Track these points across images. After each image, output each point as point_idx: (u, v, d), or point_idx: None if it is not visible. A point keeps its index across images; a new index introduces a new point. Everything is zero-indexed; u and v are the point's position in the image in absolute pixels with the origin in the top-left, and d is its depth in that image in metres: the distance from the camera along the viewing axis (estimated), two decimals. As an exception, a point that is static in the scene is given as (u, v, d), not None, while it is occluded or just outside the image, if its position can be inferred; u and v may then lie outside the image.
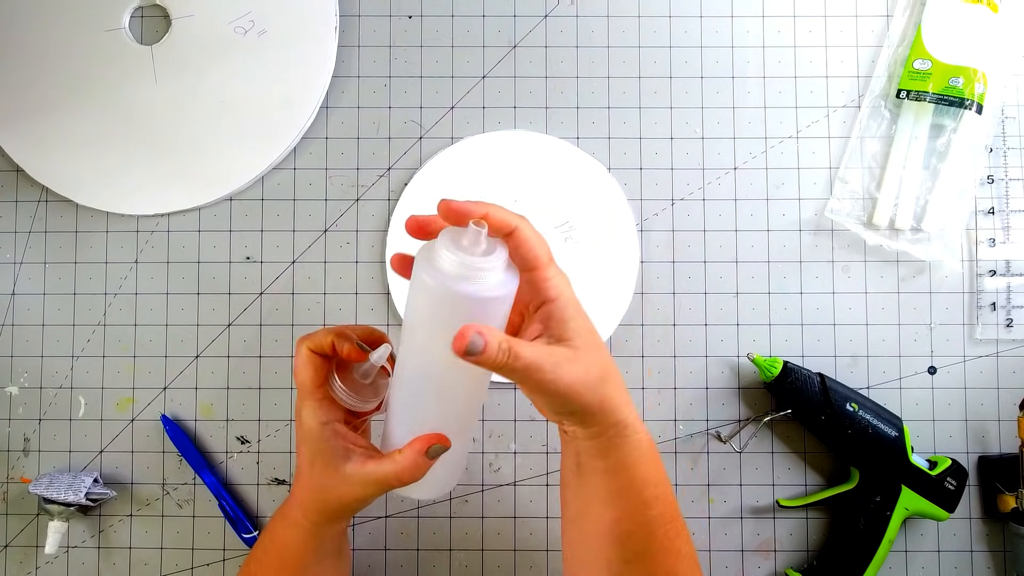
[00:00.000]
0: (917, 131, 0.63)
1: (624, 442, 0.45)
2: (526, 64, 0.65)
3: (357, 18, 0.65)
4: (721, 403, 0.63)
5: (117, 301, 0.64)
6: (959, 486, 0.59)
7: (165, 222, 0.64)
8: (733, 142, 0.64)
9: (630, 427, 0.45)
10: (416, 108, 0.65)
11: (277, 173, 0.64)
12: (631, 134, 0.64)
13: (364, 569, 0.62)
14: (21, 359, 0.64)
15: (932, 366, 0.63)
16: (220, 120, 0.63)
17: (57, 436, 0.63)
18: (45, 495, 0.59)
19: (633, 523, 0.46)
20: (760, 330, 0.63)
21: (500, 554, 0.62)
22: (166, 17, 0.65)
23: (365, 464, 0.47)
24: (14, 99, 0.64)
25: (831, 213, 0.63)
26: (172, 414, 0.63)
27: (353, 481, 0.47)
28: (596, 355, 0.44)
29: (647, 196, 0.64)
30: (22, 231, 0.64)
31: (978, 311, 0.63)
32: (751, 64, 0.65)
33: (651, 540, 0.46)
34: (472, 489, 0.63)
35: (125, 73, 0.64)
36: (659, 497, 0.46)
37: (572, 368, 0.42)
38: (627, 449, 0.45)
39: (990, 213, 0.64)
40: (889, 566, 0.61)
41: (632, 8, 0.65)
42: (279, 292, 0.64)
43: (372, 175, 0.64)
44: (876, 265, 0.64)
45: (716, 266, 0.64)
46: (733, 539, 0.62)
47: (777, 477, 0.62)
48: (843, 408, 0.59)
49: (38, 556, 0.63)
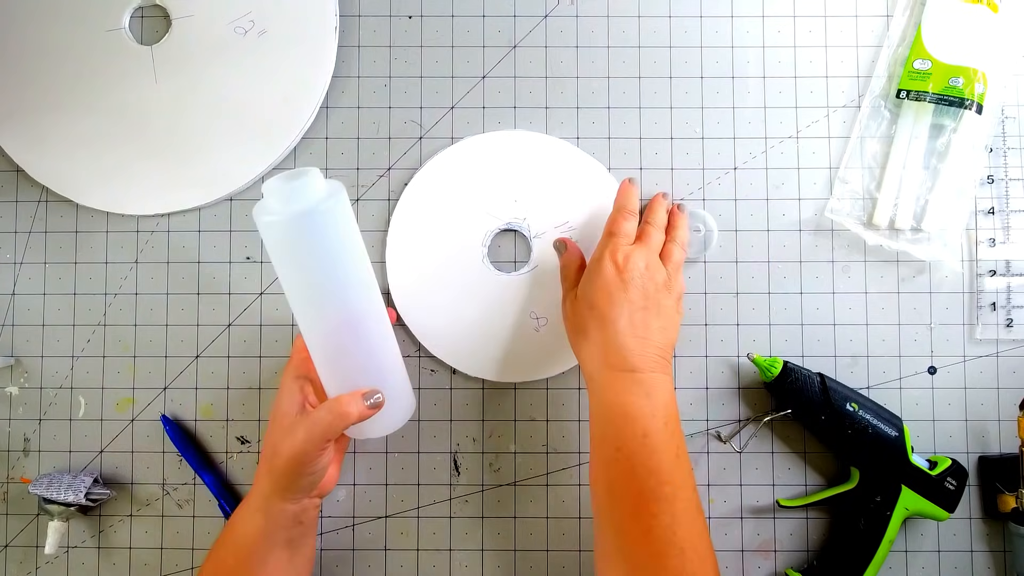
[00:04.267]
0: (917, 131, 0.63)
1: (593, 395, 0.54)
2: (526, 64, 0.65)
3: (357, 18, 0.65)
4: (721, 403, 0.63)
5: (117, 301, 0.64)
6: (959, 486, 0.59)
7: (165, 222, 0.64)
8: (733, 142, 0.64)
9: (595, 383, 0.54)
10: (416, 108, 0.65)
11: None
12: (631, 134, 0.64)
13: (364, 569, 0.62)
14: (21, 359, 0.64)
15: (932, 366, 0.63)
16: (220, 120, 0.63)
17: (57, 436, 0.63)
18: (45, 495, 0.59)
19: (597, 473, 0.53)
20: (760, 330, 0.63)
21: (500, 554, 0.62)
22: (166, 17, 0.65)
23: (307, 413, 0.52)
24: (14, 99, 0.64)
25: (831, 213, 0.63)
26: (172, 414, 0.63)
27: (296, 430, 0.51)
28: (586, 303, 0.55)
29: (647, 196, 0.64)
30: (22, 231, 0.64)
31: (978, 311, 0.63)
32: (751, 64, 0.65)
33: (612, 494, 0.52)
34: (472, 489, 0.63)
35: (125, 73, 0.64)
36: (618, 460, 0.51)
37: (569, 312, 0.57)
38: (595, 401, 0.54)
39: (990, 213, 0.64)
40: (889, 566, 0.61)
41: (632, 8, 0.65)
42: (279, 292, 0.64)
43: (372, 175, 0.64)
44: (876, 265, 0.64)
45: (716, 266, 0.64)
46: (733, 539, 0.62)
47: (777, 477, 0.62)
48: (843, 408, 0.59)
49: (38, 556, 0.63)
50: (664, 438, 0.51)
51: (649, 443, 0.50)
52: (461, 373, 0.63)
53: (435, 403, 0.63)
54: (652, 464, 0.50)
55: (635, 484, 0.50)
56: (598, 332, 0.54)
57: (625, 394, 0.52)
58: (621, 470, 0.50)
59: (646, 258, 0.55)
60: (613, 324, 0.53)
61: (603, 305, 0.54)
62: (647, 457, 0.50)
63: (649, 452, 0.50)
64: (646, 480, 0.50)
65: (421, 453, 0.63)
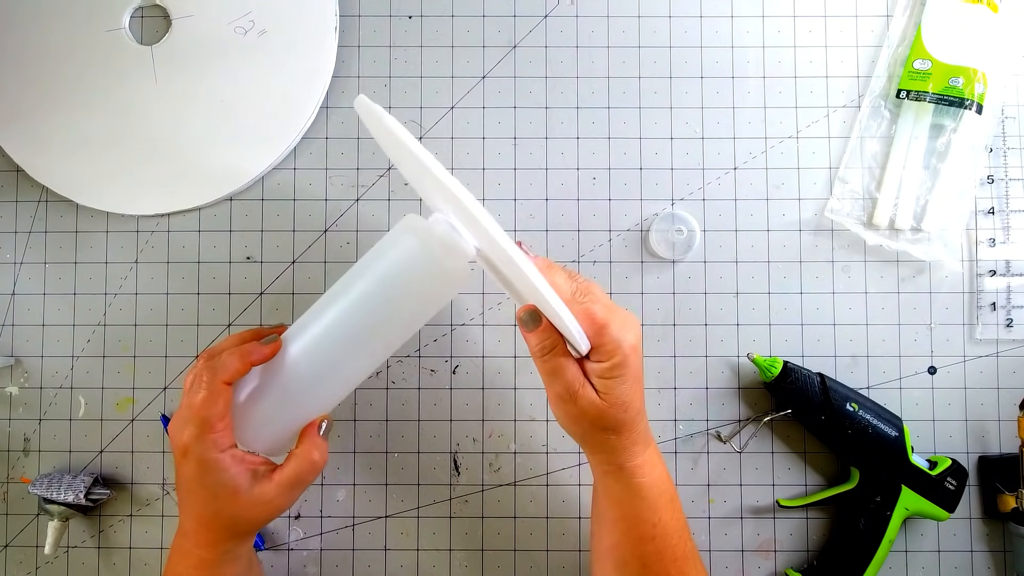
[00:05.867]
0: (917, 131, 0.63)
1: (622, 482, 0.49)
2: (526, 64, 0.65)
3: (357, 18, 0.65)
4: (721, 403, 0.63)
5: (117, 301, 0.64)
6: (959, 486, 0.59)
7: (165, 222, 0.64)
8: (733, 142, 0.64)
9: (625, 471, 0.49)
10: (416, 108, 0.65)
11: (277, 173, 0.64)
12: (631, 134, 0.64)
13: (364, 569, 0.62)
14: (21, 359, 0.64)
15: (932, 366, 0.63)
16: (220, 120, 0.63)
17: (57, 436, 0.63)
18: (45, 495, 0.59)
19: (629, 553, 0.50)
20: (760, 330, 0.63)
21: (500, 554, 0.62)
22: (166, 17, 0.65)
23: (273, 478, 0.48)
24: (14, 99, 0.64)
25: (831, 213, 0.63)
26: (172, 414, 0.63)
27: (267, 498, 0.48)
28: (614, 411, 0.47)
29: (647, 196, 0.64)
30: (22, 231, 0.64)
31: (978, 311, 0.63)
32: (751, 64, 0.65)
33: (646, 573, 0.49)
34: (472, 489, 0.63)
35: (125, 73, 0.64)
36: (655, 537, 0.49)
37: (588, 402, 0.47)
38: (624, 488, 0.49)
39: (990, 213, 0.64)
40: (889, 566, 0.61)
41: (632, 8, 0.65)
42: (279, 292, 0.64)
43: (372, 175, 0.64)
44: (876, 265, 0.64)
45: (716, 266, 0.64)
46: (733, 539, 0.62)
47: (777, 477, 0.62)
48: (843, 408, 0.59)
49: (38, 556, 0.63)
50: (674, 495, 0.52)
51: (677, 506, 0.51)
52: (461, 372, 0.63)
53: (435, 403, 0.63)
54: (683, 525, 0.51)
55: (670, 552, 0.50)
56: (639, 419, 0.49)
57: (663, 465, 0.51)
58: (660, 546, 0.49)
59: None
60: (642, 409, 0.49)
61: (639, 399, 0.48)
62: (679, 520, 0.51)
63: (679, 515, 0.51)
64: (685, 544, 0.50)
65: (421, 453, 0.63)
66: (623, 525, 0.50)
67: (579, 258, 0.64)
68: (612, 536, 0.50)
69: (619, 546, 0.50)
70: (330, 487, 0.63)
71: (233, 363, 0.47)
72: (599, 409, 0.46)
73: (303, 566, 0.62)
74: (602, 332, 0.45)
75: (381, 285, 0.49)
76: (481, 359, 0.63)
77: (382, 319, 0.49)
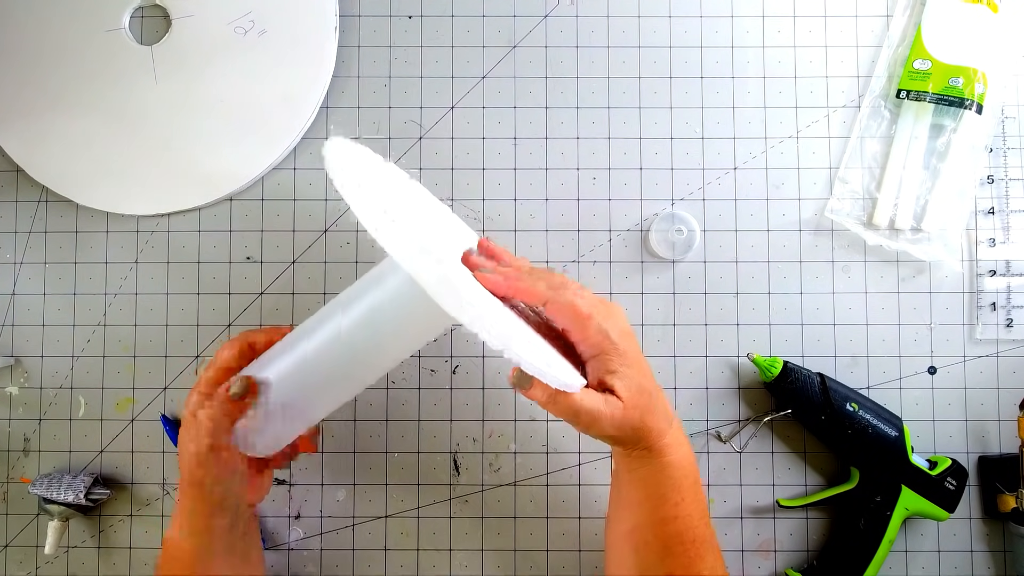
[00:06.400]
0: (917, 131, 0.63)
1: (648, 463, 0.49)
2: (526, 64, 0.65)
3: (357, 18, 0.65)
4: (721, 403, 0.63)
5: (117, 301, 0.64)
6: (959, 486, 0.59)
7: (165, 222, 0.64)
8: (733, 142, 0.64)
9: (654, 451, 0.49)
10: (416, 108, 0.65)
11: (277, 173, 0.64)
12: (631, 134, 0.64)
13: (364, 569, 0.62)
14: (21, 359, 0.64)
15: (932, 366, 0.63)
16: (220, 120, 0.63)
17: (57, 436, 0.63)
18: (45, 495, 0.59)
19: (650, 534, 0.49)
20: (760, 330, 0.63)
21: (500, 554, 0.62)
22: (166, 17, 0.65)
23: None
24: (14, 99, 0.64)
25: (831, 213, 0.63)
26: (172, 414, 0.63)
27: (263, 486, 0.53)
28: (635, 402, 0.47)
29: (647, 196, 0.64)
30: (22, 231, 0.64)
31: (978, 311, 0.63)
32: (751, 64, 0.65)
33: (666, 555, 0.49)
34: (472, 489, 0.63)
35: (125, 73, 0.64)
36: (679, 517, 0.49)
37: (611, 414, 0.47)
38: (650, 468, 0.49)
39: (990, 213, 0.64)
40: (889, 566, 0.61)
41: (632, 8, 0.65)
42: (279, 292, 0.64)
43: (372, 175, 0.64)
44: (876, 265, 0.64)
45: (716, 266, 0.64)
46: (733, 539, 0.62)
47: (777, 477, 0.62)
48: (843, 408, 0.59)
49: (38, 556, 0.63)
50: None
51: (699, 489, 0.51)
52: (461, 372, 0.63)
53: (435, 403, 0.63)
54: (704, 509, 0.51)
55: (690, 534, 0.50)
56: (657, 397, 0.50)
57: (687, 443, 0.51)
58: (681, 527, 0.49)
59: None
60: (657, 386, 0.50)
61: (650, 378, 0.49)
62: (701, 503, 0.51)
63: (701, 497, 0.51)
64: (706, 527, 0.51)
65: (421, 453, 0.63)
66: (648, 505, 0.50)
67: (579, 258, 0.64)
68: (633, 518, 0.50)
69: (640, 528, 0.50)
70: (330, 487, 0.63)
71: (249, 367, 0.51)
72: (624, 413, 0.47)
73: (303, 566, 0.62)
74: (587, 324, 0.47)
75: (372, 315, 0.47)
76: (481, 359, 0.63)
77: (370, 352, 0.48)
